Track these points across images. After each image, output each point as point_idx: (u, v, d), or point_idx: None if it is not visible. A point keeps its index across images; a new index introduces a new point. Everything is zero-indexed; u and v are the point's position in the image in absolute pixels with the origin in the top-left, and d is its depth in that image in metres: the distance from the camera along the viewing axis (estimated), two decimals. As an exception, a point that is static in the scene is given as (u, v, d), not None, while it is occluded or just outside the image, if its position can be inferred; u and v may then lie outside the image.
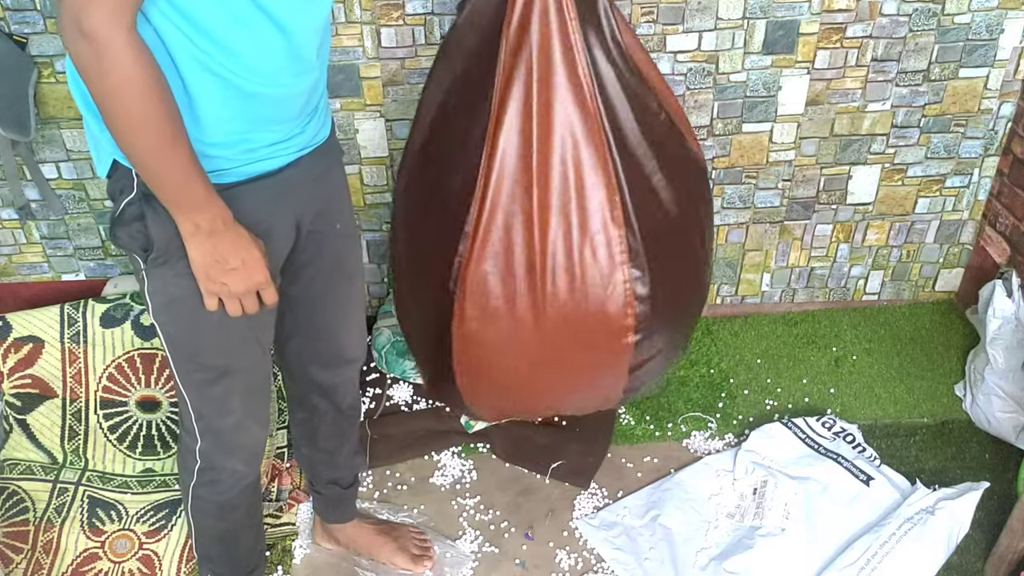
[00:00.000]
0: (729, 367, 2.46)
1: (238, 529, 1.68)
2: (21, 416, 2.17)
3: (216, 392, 1.46)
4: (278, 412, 2.20)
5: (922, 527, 1.91)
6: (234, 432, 1.52)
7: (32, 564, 1.97)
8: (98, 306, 2.18)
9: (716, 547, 2.00)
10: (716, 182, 2.35)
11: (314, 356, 1.67)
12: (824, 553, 1.96)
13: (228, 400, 1.48)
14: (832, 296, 2.60)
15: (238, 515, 1.65)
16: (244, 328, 1.38)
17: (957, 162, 2.36)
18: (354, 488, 1.93)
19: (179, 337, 1.40)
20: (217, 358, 1.42)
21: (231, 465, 1.56)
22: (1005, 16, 2.13)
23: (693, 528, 2.04)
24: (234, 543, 1.70)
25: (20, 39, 1.99)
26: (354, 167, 2.26)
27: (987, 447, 2.22)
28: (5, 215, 2.30)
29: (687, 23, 2.09)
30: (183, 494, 1.62)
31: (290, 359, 1.69)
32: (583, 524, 2.07)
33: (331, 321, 1.63)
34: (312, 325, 1.62)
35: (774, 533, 1.99)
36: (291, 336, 1.63)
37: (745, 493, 2.10)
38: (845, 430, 2.22)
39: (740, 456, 2.16)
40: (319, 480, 1.89)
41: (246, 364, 1.46)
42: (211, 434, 1.51)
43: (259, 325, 1.43)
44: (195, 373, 1.44)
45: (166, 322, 1.39)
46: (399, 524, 2.00)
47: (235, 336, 1.40)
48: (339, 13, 2.03)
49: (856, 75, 2.20)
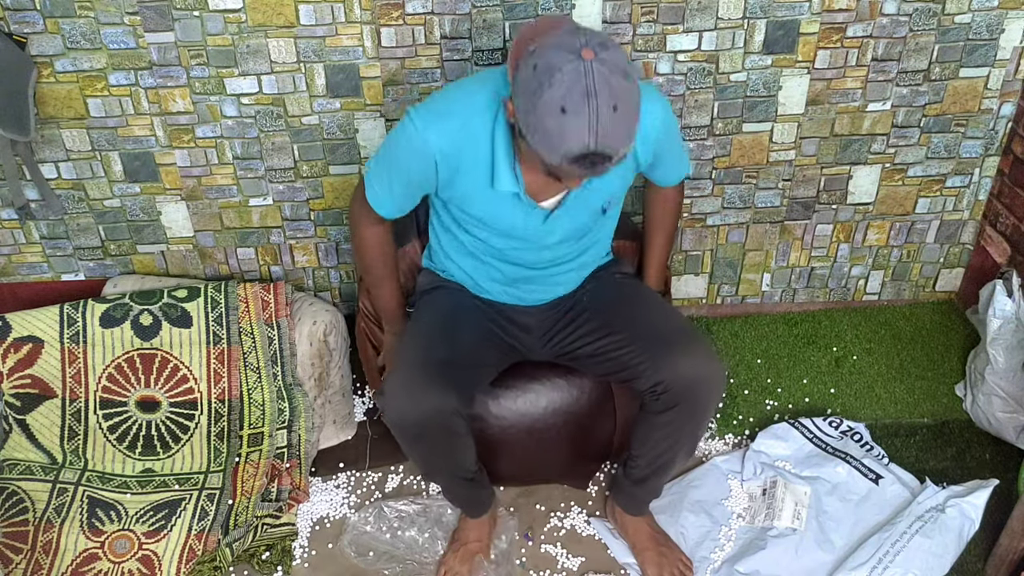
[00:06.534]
0: (729, 367, 2.46)
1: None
2: (21, 416, 2.16)
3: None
4: (278, 412, 2.19)
5: (932, 525, 1.91)
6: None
7: (32, 564, 1.97)
8: (98, 306, 2.18)
9: (728, 549, 2.00)
10: (716, 182, 2.34)
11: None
12: (836, 552, 1.96)
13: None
14: (832, 296, 2.60)
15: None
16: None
17: (957, 162, 2.36)
18: (640, 487, 1.94)
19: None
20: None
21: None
22: (1005, 16, 2.13)
23: (704, 531, 2.04)
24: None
25: (20, 39, 1.99)
26: (354, 167, 2.26)
27: (987, 447, 2.21)
28: (5, 215, 2.29)
29: (687, 23, 2.09)
30: None
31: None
32: (599, 524, 2.07)
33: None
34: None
35: (786, 533, 1.99)
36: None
37: (755, 494, 2.10)
38: (852, 429, 2.22)
39: (748, 457, 2.15)
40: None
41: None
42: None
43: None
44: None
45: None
46: (675, 545, 2.01)
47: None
48: (339, 13, 2.03)
49: (856, 75, 2.19)
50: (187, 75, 2.09)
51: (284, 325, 2.21)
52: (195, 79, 2.10)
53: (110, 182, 2.25)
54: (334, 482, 2.22)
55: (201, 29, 2.03)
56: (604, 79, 1.37)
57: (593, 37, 1.41)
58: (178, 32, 2.03)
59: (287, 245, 2.39)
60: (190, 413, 2.20)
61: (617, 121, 1.38)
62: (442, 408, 1.70)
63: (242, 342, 2.21)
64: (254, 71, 2.10)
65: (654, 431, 1.81)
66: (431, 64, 2.11)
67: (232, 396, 2.21)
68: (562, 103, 1.37)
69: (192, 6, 2.00)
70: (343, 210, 2.33)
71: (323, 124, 2.19)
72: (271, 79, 2.11)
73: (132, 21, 2.01)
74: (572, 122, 1.37)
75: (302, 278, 2.46)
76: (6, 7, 1.97)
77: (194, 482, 2.14)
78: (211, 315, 2.20)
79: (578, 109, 1.36)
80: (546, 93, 1.38)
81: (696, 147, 2.28)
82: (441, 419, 1.71)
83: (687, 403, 1.75)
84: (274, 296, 2.22)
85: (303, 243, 2.39)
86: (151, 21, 2.01)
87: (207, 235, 2.35)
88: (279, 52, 2.07)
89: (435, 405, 1.69)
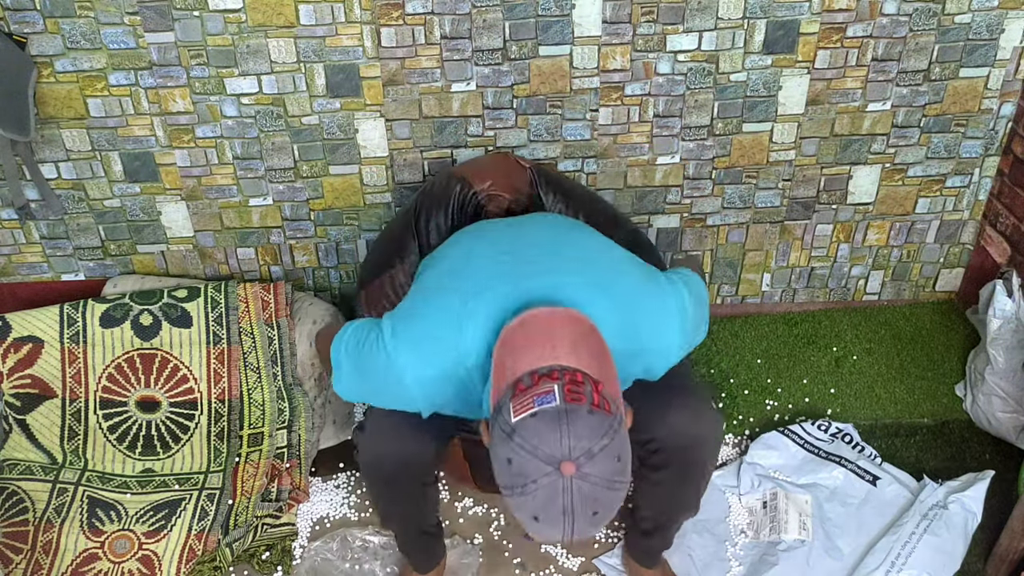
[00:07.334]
0: (729, 367, 2.46)
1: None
2: (21, 416, 2.16)
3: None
4: (278, 412, 2.19)
5: (939, 522, 1.92)
6: None
7: (32, 564, 1.97)
8: (98, 306, 2.18)
9: (738, 569, 1.98)
10: (716, 182, 2.34)
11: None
12: (844, 559, 1.95)
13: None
14: (832, 296, 2.60)
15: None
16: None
17: (957, 162, 2.36)
18: (649, 539, 1.88)
19: None
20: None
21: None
22: (1005, 16, 2.13)
23: (711, 551, 2.02)
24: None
25: (20, 39, 1.99)
26: (354, 167, 2.26)
27: (987, 447, 2.21)
28: (5, 215, 2.29)
29: (687, 23, 2.09)
30: None
31: None
32: (602, 564, 2.01)
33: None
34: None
35: (795, 546, 1.98)
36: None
37: (755, 508, 2.08)
38: (842, 430, 2.21)
39: (743, 470, 2.14)
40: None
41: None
42: None
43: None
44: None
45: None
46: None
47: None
48: (339, 13, 2.03)
49: (856, 75, 2.19)
50: (187, 75, 2.09)
51: (284, 325, 2.21)
52: (195, 79, 2.10)
53: (110, 182, 2.25)
54: (334, 482, 2.22)
55: (201, 29, 2.03)
56: (583, 497, 1.21)
57: (579, 440, 1.21)
58: (178, 32, 2.03)
59: (287, 245, 2.39)
60: (190, 413, 2.20)
61: (597, 521, 1.24)
62: (420, 458, 1.63)
63: (242, 342, 2.21)
64: (254, 71, 2.10)
65: (653, 488, 1.73)
66: (431, 64, 2.11)
67: (232, 396, 2.21)
68: (535, 514, 1.23)
69: (192, 6, 2.00)
70: (343, 210, 2.33)
71: (323, 124, 2.19)
72: (271, 79, 2.11)
73: (132, 21, 2.01)
74: (545, 529, 1.24)
75: (302, 278, 2.46)
76: (6, 7, 1.97)
77: (194, 482, 2.14)
78: (211, 315, 2.20)
79: (553, 522, 1.23)
80: (517, 498, 1.23)
81: (696, 147, 2.28)
82: (417, 468, 1.65)
83: (680, 464, 1.66)
84: (274, 296, 2.22)
85: (303, 243, 2.39)
86: (151, 21, 2.01)
87: (207, 235, 2.35)
88: (279, 52, 2.07)
89: (413, 453, 1.61)
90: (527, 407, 1.24)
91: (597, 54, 2.12)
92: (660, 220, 2.40)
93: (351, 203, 2.32)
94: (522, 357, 1.31)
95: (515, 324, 1.35)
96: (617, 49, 2.11)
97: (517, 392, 1.27)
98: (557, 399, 1.23)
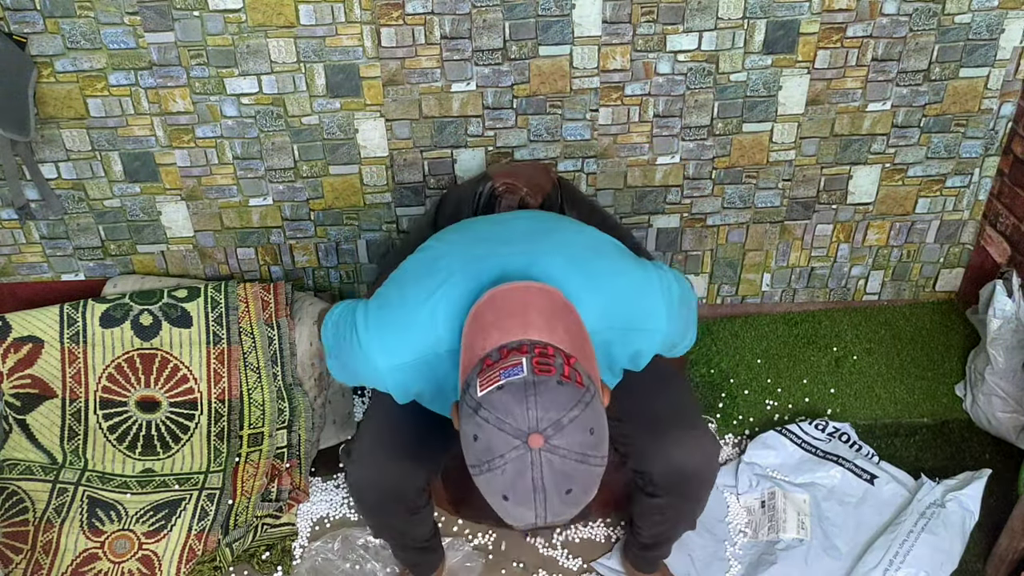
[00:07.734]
0: (729, 367, 2.46)
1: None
2: (21, 416, 2.16)
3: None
4: (278, 412, 2.20)
5: (936, 521, 1.92)
6: None
7: (32, 564, 1.97)
8: (98, 306, 2.18)
9: (738, 568, 1.99)
10: (716, 182, 2.34)
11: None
12: (843, 558, 1.96)
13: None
14: (832, 296, 2.60)
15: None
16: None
17: (957, 162, 2.36)
18: (648, 552, 1.88)
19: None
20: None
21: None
22: (1005, 16, 2.13)
23: (711, 551, 2.02)
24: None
25: (20, 39, 1.99)
26: (354, 167, 2.26)
27: (987, 447, 2.21)
28: (5, 215, 2.29)
29: (687, 23, 2.09)
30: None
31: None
32: (600, 566, 2.02)
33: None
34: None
35: (793, 545, 1.99)
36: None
37: (753, 507, 2.09)
38: (839, 429, 2.22)
39: (741, 470, 2.15)
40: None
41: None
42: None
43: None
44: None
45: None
46: None
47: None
48: (339, 13, 2.03)
49: (856, 75, 2.19)
50: (187, 75, 2.09)
51: (284, 325, 2.21)
52: (195, 79, 2.10)
53: (110, 182, 2.25)
54: (334, 482, 2.22)
55: (201, 29, 2.03)
56: (554, 471, 1.15)
57: (547, 411, 1.15)
58: (178, 32, 2.03)
59: (287, 245, 2.39)
60: (190, 413, 2.20)
61: (571, 501, 1.18)
62: (409, 485, 1.60)
63: (242, 342, 2.21)
64: (254, 71, 2.10)
65: (648, 511, 1.72)
66: (431, 64, 2.11)
67: (232, 396, 2.21)
68: (504, 492, 1.17)
69: (192, 6, 2.00)
70: (343, 210, 2.33)
71: (323, 124, 2.19)
72: (271, 79, 2.11)
73: (132, 21, 2.01)
74: (516, 509, 1.19)
75: (302, 278, 2.46)
76: (6, 7, 1.97)
77: (194, 482, 2.14)
78: (211, 315, 2.20)
79: (523, 500, 1.17)
80: (485, 475, 1.18)
81: (696, 147, 2.28)
82: (406, 496, 1.61)
83: (674, 495, 1.65)
84: (274, 296, 2.22)
85: (303, 243, 2.39)
86: (151, 21, 2.01)
87: (207, 235, 2.35)
88: (279, 52, 2.07)
89: (402, 480, 1.58)
90: (494, 380, 1.18)
91: (597, 54, 2.12)
92: (660, 220, 2.40)
93: (351, 203, 2.32)
94: (492, 333, 1.25)
95: (484, 300, 1.30)
96: (617, 49, 2.11)
97: (484, 367, 1.21)
98: (525, 371, 1.17)
